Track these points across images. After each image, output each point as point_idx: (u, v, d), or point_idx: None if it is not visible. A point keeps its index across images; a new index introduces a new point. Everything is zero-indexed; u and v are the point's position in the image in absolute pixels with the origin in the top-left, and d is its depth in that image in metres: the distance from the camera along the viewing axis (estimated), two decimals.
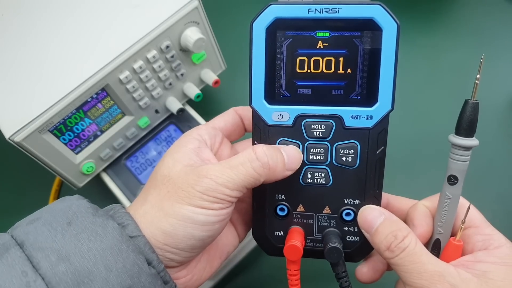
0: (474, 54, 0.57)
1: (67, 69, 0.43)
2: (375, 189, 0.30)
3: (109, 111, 0.46)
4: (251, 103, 0.30)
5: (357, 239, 0.32)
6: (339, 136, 0.30)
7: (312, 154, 0.30)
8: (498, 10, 0.59)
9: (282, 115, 0.30)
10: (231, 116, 0.34)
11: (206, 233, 0.28)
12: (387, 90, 0.29)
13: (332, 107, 0.30)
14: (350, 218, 0.31)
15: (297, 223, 0.32)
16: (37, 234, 0.26)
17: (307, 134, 0.30)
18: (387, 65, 0.29)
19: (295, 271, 0.31)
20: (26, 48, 0.45)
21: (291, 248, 0.30)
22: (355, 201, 0.31)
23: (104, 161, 0.49)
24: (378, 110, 0.29)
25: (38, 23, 0.46)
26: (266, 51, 0.29)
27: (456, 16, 0.61)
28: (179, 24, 0.44)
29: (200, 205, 0.27)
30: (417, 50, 0.58)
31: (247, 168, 0.28)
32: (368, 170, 0.30)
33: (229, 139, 0.35)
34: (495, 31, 0.58)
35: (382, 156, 0.30)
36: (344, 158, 0.30)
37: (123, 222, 0.28)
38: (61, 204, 0.28)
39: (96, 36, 0.44)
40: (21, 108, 0.41)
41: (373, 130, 0.29)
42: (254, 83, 0.30)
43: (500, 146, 0.51)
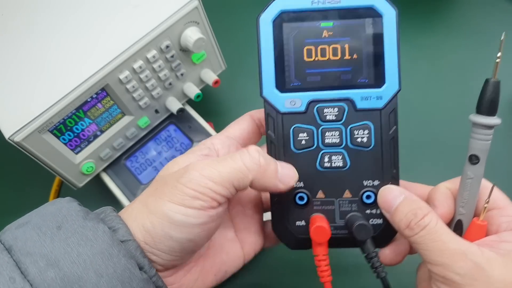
0: (474, 54, 0.57)
1: (67, 69, 0.43)
2: (392, 169, 0.31)
3: (109, 111, 0.46)
4: (262, 93, 0.31)
5: (381, 222, 0.32)
6: (352, 118, 0.31)
7: (327, 137, 0.31)
8: (498, 10, 0.59)
9: (295, 101, 0.31)
10: (246, 123, 0.33)
11: (184, 235, 0.27)
12: (393, 71, 0.31)
13: (343, 90, 0.31)
14: (371, 200, 0.31)
15: (318, 210, 0.32)
16: (26, 239, 0.25)
17: (320, 119, 0.31)
18: (390, 48, 0.31)
19: (324, 255, 0.30)
20: (26, 47, 0.45)
21: (318, 230, 0.30)
22: (374, 182, 0.31)
23: (104, 161, 0.49)
24: (387, 90, 0.31)
25: (38, 23, 0.46)
26: (274, 43, 0.31)
27: (456, 16, 0.60)
28: (179, 24, 0.44)
29: (180, 202, 0.26)
30: (417, 50, 0.58)
31: (235, 160, 0.27)
32: (384, 150, 0.31)
33: (246, 146, 0.33)
34: (495, 31, 0.58)
35: (395, 135, 0.31)
36: (359, 139, 0.31)
37: (114, 225, 0.27)
38: (51, 207, 0.27)
39: (96, 36, 0.44)
40: (21, 108, 0.41)
41: (384, 110, 0.31)
42: (264, 74, 0.31)
43: (500, 146, 0.51)
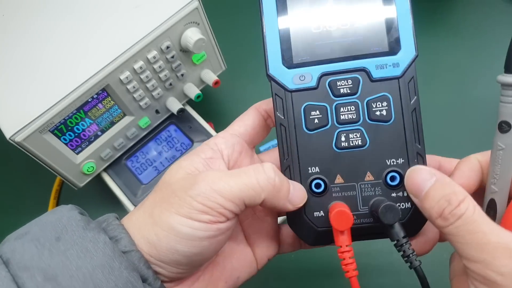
0: (473, 54, 0.57)
1: (68, 69, 0.43)
2: (417, 144, 0.28)
3: (110, 111, 0.47)
4: (268, 71, 0.29)
5: (409, 206, 0.28)
6: (368, 90, 0.28)
7: (343, 114, 0.28)
8: (497, 10, 0.59)
9: (304, 76, 0.28)
10: (251, 117, 0.31)
11: (191, 249, 0.25)
12: (408, 36, 0.28)
13: (356, 60, 0.28)
14: (396, 181, 0.28)
15: (338, 197, 0.29)
16: (24, 251, 0.24)
17: (333, 93, 0.28)
18: (403, 11, 0.28)
19: (348, 246, 0.27)
20: (27, 48, 0.45)
21: (339, 215, 0.26)
22: (398, 161, 0.28)
23: (104, 161, 0.49)
24: (404, 56, 0.28)
25: (39, 23, 0.47)
26: (278, 16, 0.29)
27: (455, 17, 0.61)
28: (179, 25, 0.44)
29: (187, 215, 0.24)
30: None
31: (249, 177, 0.25)
32: (406, 123, 0.28)
33: (254, 142, 0.32)
34: (494, 31, 0.59)
35: (417, 106, 0.28)
36: (378, 112, 0.28)
37: (116, 235, 0.25)
38: (52, 216, 0.26)
39: (97, 37, 0.45)
40: (21, 108, 0.41)
41: (402, 78, 0.28)
42: (269, 51, 0.29)
43: None
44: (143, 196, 0.49)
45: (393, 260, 0.46)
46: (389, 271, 0.46)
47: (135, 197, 0.49)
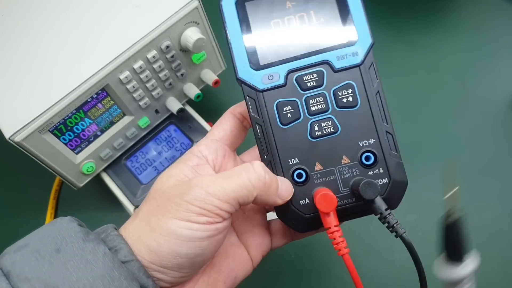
0: (473, 54, 0.57)
1: (67, 69, 0.43)
2: (384, 123, 0.30)
3: (109, 111, 0.46)
4: (237, 76, 0.30)
5: (387, 180, 0.30)
6: (333, 80, 0.30)
7: (313, 105, 0.30)
8: (497, 10, 0.59)
9: (272, 75, 0.30)
10: (228, 121, 0.33)
11: (192, 251, 0.26)
12: (363, 25, 0.30)
13: (318, 55, 0.30)
14: (371, 160, 0.30)
15: (320, 183, 0.30)
16: (24, 263, 0.24)
17: (301, 88, 0.30)
18: (354, 4, 0.30)
19: (336, 226, 0.28)
20: (27, 47, 0.45)
21: (323, 198, 0.28)
22: (369, 141, 0.30)
23: (104, 161, 0.49)
24: (361, 45, 0.30)
25: (39, 23, 0.47)
26: (240, 23, 0.30)
27: (455, 16, 0.61)
28: (179, 24, 0.44)
29: (185, 218, 0.25)
30: (417, 50, 0.58)
31: (241, 178, 0.27)
32: (372, 106, 0.30)
33: (234, 145, 0.33)
34: (494, 31, 0.59)
35: (379, 89, 0.30)
36: (345, 99, 0.30)
37: (115, 246, 0.26)
38: (51, 228, 0.26)
39: (96, 36, 0.45)
40: (21, 108, 0.41)
41: (363, 65, 0.30)
42: (236, 56, 0.30)
43: (500, 146, 0.51)
44: (142, 196, 0.49)
45: (393, 260, 0.46)
46: (389, 271, 0.46)
47: (134, 197, 0.49)
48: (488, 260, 0.45)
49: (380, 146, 0.30)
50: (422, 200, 0.48)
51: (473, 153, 0.51)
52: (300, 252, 0.47)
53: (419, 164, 0.50)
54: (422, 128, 0.53)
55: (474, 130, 0.52)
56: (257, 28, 0.31)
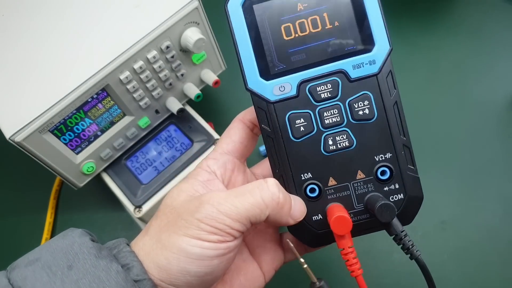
0: (473, 54, 0.57)
1: (68, 69, 0.43)
2: (402, 136, 0.29)
3: (110, 111, 0.46)
4: (247, 86, 0.29)
5: (402, 196, 0.29)
6: (349, 91, 0.28)
7: (327, 118, 0.29)
8: (497, 10, 0.59)
9: (284, 86, 0.29)
10: (237, 130, 0.31)
11: (202, 269, 0.25)
12: (380, 30, 0.28)
13: (332, 63, 0.28)
14: (387, 175, 0.29)
15: (333, 199, 0.29)
16: (35, 280, 0.24)
17: (315, 99, 0.29)
18: (372, 6, 0.28)
19: (350, 248, 0.28)
20: (27, 47, 0.45)
21: (338, 220, 0.27)
22: (386, 155, 0.29)
23: (104, 161, 0.49)
24: (379, 52, 0.28)
25: (39, 23, 0.47)
26: (248, 28, 0.28)
27: (455, 16, 0.61)
28: (179, 25, 0.44)
29: (196, 236, 0.25)
30: (417, 50, 0.58)
31: (254, 197, 0.26)
32: (389, 117, 0.28)
33: (244, 156, 0.32)
34: (494, 31, 0.59)
35: (397, 99, 0.29)
36: (361, 111, 0.28)
37: (128, 263, 0.25)
38: (63, 242, 0.26)
39: (97, 36, 0.45)
40: (21, 108, 0.41)
41: (380, 74, 0.28)
42: (245, 65, 0.29)
43: (500, 146, 0.51)
44: (142, 196, 0.49)
45: (393, 260, 0.46)
46: (389, 271, 0.46)
47: (135, 197, 0.49)
48: (488, 260, 0.45)
49: (397, 160, 0.29)
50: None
51: (473, 153, 0.51)
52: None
53: (419, 164, 0.50)
54: (422, 128, 0.53)
55: (474, 130, 0.52)
56: (266, 34, 0.28)
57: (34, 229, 0.53)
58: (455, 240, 0.46)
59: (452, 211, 0.48)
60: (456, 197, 0.49)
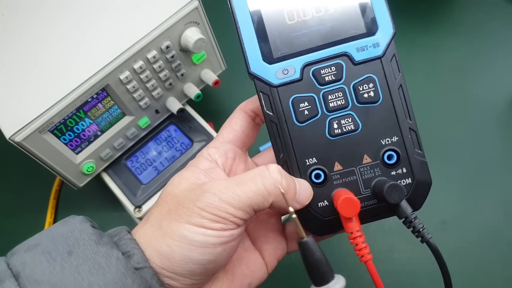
0: (473, 54, 0.57)
1: (68, 69, 0.43)
2: (408, 119, 0.28)
3: (110, 111, 0.46)
4: (250, 70, 0.28)
5: (410, 181, 0.28)
6: (353, 74, 0.28)
7: (331, 101, 0.28)
8: (497, 10, 0.59)
9: (287, 69, 0.28)
10: (239, 120, 0.31)
11: (205, 257, 0.25)
12: (384, 14, 0.28)
13: (336, 46, 0.28)
14: (394, 159, 0.28)
15: (339, 184, 0.29)
16: (35, 265, 0.23)
17: (319, 82, 0.28)
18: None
19: (358, 231, 0.27)
20: (27, 48, 0.45)
21: (346, 202, 0.26)
22: (392, 139, 0.28)
23: (104, 161, 0.49)
24: (383, 35, 0.28)
25: (39, 23, 0.47)
26: (251, 13, 0.28)
27: (455, 16, 0.61)
28: (179, 25, 0.44)
29: (199, 224, 0.24)
30: (417, 50, 0.58)
31: (256, 184, 0.25)
32: (394, 100, 0.28)
33: (246, 145, 0.32)
34: (494, 31, 0.59)
35: (402, 82, 0.28)
36: (366, 94, 0.28)
37: (129, 250, 0.25)
38: (63, 228, 0.25)
39: (97, 36, 0.45)
40: (21, 108, 0.41)
41: (384, 57, 0.28)
42: (247, 49, 0.28)
43: (500, 146, 0.51)
44: (142, 196, 0.49)
45: (393, 260, 0.46)
46: (389, 271, 0.46)
47: (134, 197, 0.49)
48: (488, 260, 0.45)
49: (404, 144, 0.28)
50: None
51: (473, 153, 0.51)
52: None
53: None
54: (422, 128, 0.53)
55: (474, 130, 0.52)
56: (269, 18, 0.28)
57: (34, 229, 0.52)
58: (455, 240, 0.46)
59: (452, 211, 0.48)
60: (456, 197, 0.49)
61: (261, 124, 0.32)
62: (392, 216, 0.29)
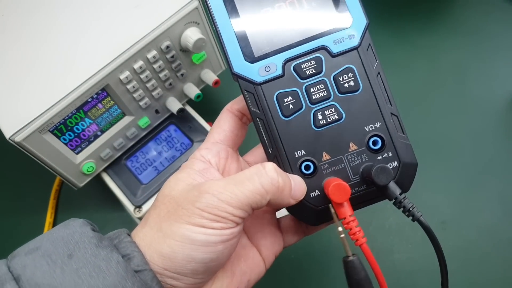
0: (473, 54, 0.57)
1: (68, 69, 0.43)
2: (388, 105, 0.29)
3: (110, 111, 0.46)
4: (233, 71, 0.29)
5: (396, 164, 0.29)
6: (332, 66, 0.29)
7: (314, 94, 0.29)
8: (497, 10, 0.59)
9: (269, 66, 0.29)
10: (227, 121, 0.32)
11: (207, 255, 0.25)
12: (356, 6, 0.30)
13: (314, 41, 0.29)
14: (379, 145, 0.29)
15: (329, 173, 0.30)
16: (35, 268, 0.23)
17: (300, 77, 0.29)
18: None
19: (351, 216, 0.28)
20: (27, 47, 0.45)
21: (336, 188, 0.27)
22: (375, 125, 0.29)
23: (104, 161, 0.49)
24: (357, 26, 0.30)
25: (39, 23, 0.47)
26: (229, 15, 0.30)
27: (455, 16, 0.61)
28: (179, 25, 0.44)
29: (199, 224, 0.25)
30: (417, 50, 0.58)
31: (254, 184, 0.26)
32: (374, 88, 0.29)
33: (236, 144, 0.32)
34: (494, 31, 0.59)
35: (380, 70, 0.30)
36: (346, 84, 0.29)
37: (129, 253, 0.25)
38: (64, 231, 0.26)
39: (97, 36, 0.45)
40: (21, 108, 0.41)
41: (361, 47, 0.29)
42: (229, 50, 0.29)
43: (500, 146, 0.51)
44: (142, 196, 0.49)
45: (393, 260, 0.46)
46: (389, 271, 0.46)
47: (134, 197, 0.49)
48: (488, 260, 0.45)
49: (387, 129, 0.30)
50: (421, 200, 0.48)
51: (473, 153, 0.51)
52: (300, 252, 0.47)
53: (419, 163, 0.50)
54: (422, 128, 0.53)
55: (474, 130, 0.52)
56: (247, 18, 0.30)
57: (34, 229, 0.53)
58: (455, 240, 0.46)
59: (452, 211, 0.48)
60: (456, 197, 0.49)
61: (248, 124, 0.33)
62: (383, 200, 0.30)
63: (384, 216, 0.48)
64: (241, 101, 0.31)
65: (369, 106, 0.29)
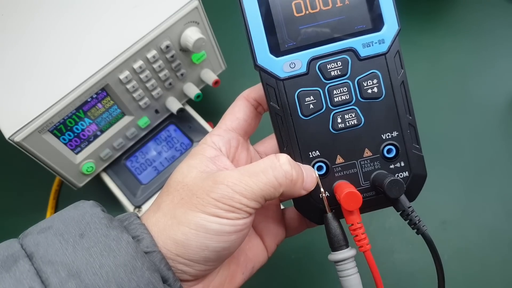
0: (474, 54, 0.57)
1: (67, 69, 0.43)
2: (408, 115, 0.29)
3: (109, 111, 0.46)
4: (256, 63, 0.29)
5: (407, 174, 0.30)
6: (358, 69, 0.29)
7: (336, 96, 0.29)
8: (498, 10, 0.59)
9: (294, 63, 0.29)
10: (242, 109, 0.31)
11: (221, 244, 0.26)
12: (390, 10, 0.29)
13: (343, 41, 0.29)
14: (393, 153, 0.29)
15: (340, 177, 0.30)
16: (48, 246, 0.24)
17: (324, 77, 0.29)
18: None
19: (359, 223, 0.28)
20: (26, 47, 0.45)
21: (350, 196, 0.27)
22: (392, 134, 0.29)
23: (104, 161, 0.49)
24: (388, 31, 0.29)
25: (38, 23, 0.47)
26: (259, 5, 0.28)
27: (456, 16, 0.60)
28: (179, 24, 0.44)
29: (214, 213, 0.25)
30: (417, 50, 0.58)
31: (268, 176, 0.26)
32: (396, 97, 0.29)
33: (248, 133, 0.32)
34: (495, 31, 0.58)
35: (404, 79, 0.29)
36: (369, 90, 0.29)
37: (138, 235, 0.26)
38: (74, 212, 0.26)
39: (96, 36, 0.45)
40: (21, 108, 0.41)
41: (389, 54, 0.29)
42: (255, 41, 0.29)
43: (501, 146, 0.51)
44: (142, 196, 0.49)
45: (393, 260, 0.46)
46: (389, 271, 0.46)
47: (134, 197, 0.49)
48: (489, 261, 0.45)
49: (403, 139, 0.29)
50: (422, 200, 0.48)
51: (473, 153, 0.51)
52: (300, 252, 0.47)
53: None
54: (422, 128, 0.53)
55: (474, 130, 0.52)
56: (277, 10, 0.28)
57: None
58: (456, 241, 0.46)
59: (453, 212, 0.48)
60: (456, 197, 0.49)
61: (263, 113, 0.32)
62: (389, 206, 0.30)
63: (385, 216, 0.48)
64: (259, 89, 0.31)
65: (389, 114, 0.29)
